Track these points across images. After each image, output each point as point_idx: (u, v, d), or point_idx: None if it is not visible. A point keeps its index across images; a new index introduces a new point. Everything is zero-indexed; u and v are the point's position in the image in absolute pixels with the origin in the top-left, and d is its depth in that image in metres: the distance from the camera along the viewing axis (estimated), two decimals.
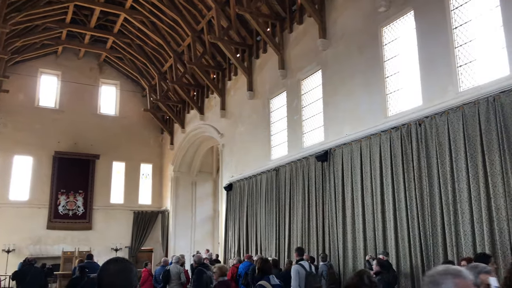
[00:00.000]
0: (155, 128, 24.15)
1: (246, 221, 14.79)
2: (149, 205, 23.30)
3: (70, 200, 21.14)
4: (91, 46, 21.32)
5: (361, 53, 10.70)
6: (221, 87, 17.70)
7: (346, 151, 10.59)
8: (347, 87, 10.98)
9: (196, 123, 19.92)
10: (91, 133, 22.10)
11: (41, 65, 21.80)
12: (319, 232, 11.14)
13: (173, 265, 9.14)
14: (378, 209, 9.40)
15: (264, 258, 4.86)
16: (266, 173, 13.91)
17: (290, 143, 13.06)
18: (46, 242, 20.24)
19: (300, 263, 6.91)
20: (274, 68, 14.15)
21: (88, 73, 22.75)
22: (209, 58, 17.62)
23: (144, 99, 23.85)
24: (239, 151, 16.09)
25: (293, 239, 12.15)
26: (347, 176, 10.44)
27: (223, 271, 6.60)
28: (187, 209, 21.99)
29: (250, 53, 15.78)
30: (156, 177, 23.77)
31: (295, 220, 12.20)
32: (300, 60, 12.98)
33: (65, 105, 22.03)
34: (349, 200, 10.25)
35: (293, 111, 13.09)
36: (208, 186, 22.83)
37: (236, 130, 16.45)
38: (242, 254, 14.58)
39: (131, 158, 23.07)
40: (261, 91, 14.99)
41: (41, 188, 20.72)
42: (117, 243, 21.40)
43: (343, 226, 10.35)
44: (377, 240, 9.36)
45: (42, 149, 20.84)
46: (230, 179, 16.27)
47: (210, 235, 22.20)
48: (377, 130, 9.73)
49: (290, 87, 13.38)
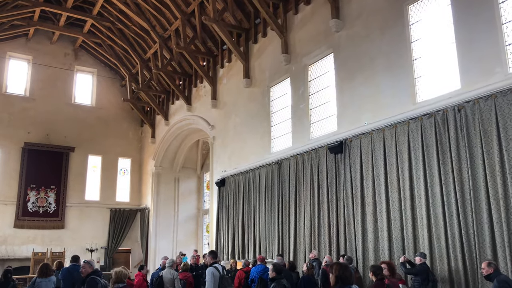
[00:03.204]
0: (134, 120, 22.57)
1: (242, 219, 13.57)
2: (127, 202, 21.68)
3: (40, 196, 19.31)
4: (67, 29, 19.55)
5: (382, 34, 9.70)
6: (212, 75, 16.41)
7: (366, 141, 9.56)
8: (366, 72, 9.96)
9: (182, 114, 18.54)
10: (64, 124, 20.35)
11: (10, 48, 19.87)
12: (332, 232, 10.07)
13: (167, 270, 7.77)
14: (407, 206, 8.41)
15: (342, 264, 3.71)
16: (266, 167, 12.74)
17: (295, 134, 11.94)
18: (13, 242, 18.36)
19: (215, 265, 6.80)
20: (275, 53, 13.01)
21: (62, 59, 20.95)
22: (200, 43, 16.29)
23: (123, 89, 22.24)
24: (233, 144, 14.86)
25: (300, 239, 11.03)
26: (367, 169, 9.41)
27: (120, 276, 5.47)
28: (169, 207, 20.56)
29: (247, 38, 14.57)
30: (135, 173, 22.17)
31: (302, 218, 11.09)
32: (307, 44, 11.88)
33: (36, 93, 20.17)
34: (370, 196, 9.22)
35: (298, 99, 11.98)
36: (192, 182, 21.46)
37: (229, 121, 15.21)
38: (237, 255, 13.38)
39: (108, 152, 21.42)
40: (260, 79, 13.81)
41: (8, 183, 18.81)
42: (92, 243, 19.76)
43: (362, 225, 9.31)
44: (405, 240, 8.36)
45: (10, 140, 18.95)
46: (223, 174, 15.01)
47: (194, 235, 20.85)
48: (405, 118, 8.74)
49: (295, 73, 12.26)
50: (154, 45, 18.22)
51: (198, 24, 15.58)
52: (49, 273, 7.49)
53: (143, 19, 17.32)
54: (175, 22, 16.45)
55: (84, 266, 6.69)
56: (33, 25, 18.84)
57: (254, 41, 14.18)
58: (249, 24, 14.48)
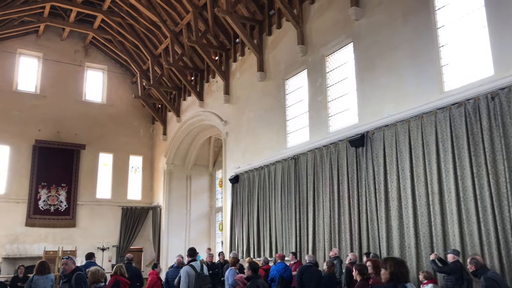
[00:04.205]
0: (145, 117, 22.27)
1: (257, 216, 13.16)
2: (138, 200, 21.39)
3: (51, 194, 19.08)
4: (77, 26, 19.31)
5: (405, 21, 9.22)
6: (224, 70, 16.01)
7: (389, 133, 9.10)
8: (388, 61, 9.49)
9: (194, 110, 18.18)
10: (75, 121, 20.10)
11: (20, 45, 19.67)
12: (353, 229, 9.62)
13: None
14: (435, 200, 7.93)
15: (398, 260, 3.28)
16: (282, 163, 12.31)
17: (313, 127, 11.50)
18: (24, 241, 18.15)
19: (191, 264, 6.73)
20: (291, 44, 12.58)
21: (72, 56, 20.70)
22: (212, 37, 15.91)
23: (133, 86, 21.97)
24: (246, 139, 14.46)
25: (319, 237, 10.59)
26: (391, 162, 8.95)
27: (97, 276, 5.19)
28: (181, 205, 20.21)
29: (261, 30, 14.15)
30: (146, 171, 21.87)
31: (320, 215, 10.65)
32: (325, 34, 11.43)
33: (46, 90, 19.95)
34: (395, 191, 8.76)
35: (316, 91, 11.54)
36: (204, 180, 21.10)
37: (243, 116, 14.81)
38: (252, 254, 12.98)
39: (119, 150, 21.14)
40: (275, 71, 13.39)
41: (19, 181, 18.61)
42: (103, 242, 19.48)
43: (386, 221, 8.84)
44: (434, 236, 7.89)
45: (20, 137, 18.75)
46: (236, 170, 14.62)
47: (206, 233, 20.49)
48: (431, 108, 8.27)
49: (311, 65, 11.82)
50: (165, 40, 17.90)
51: (210, 17, 15.20)
52: (46, 271, 7.27)
53: (153, 13, 16.99)
54: (187, 15, 16.09)
55: (67, 262, 6.60)
56: (43, 21, 18.62)
57: (268, 33, 13.76)
58: (262, 16, 14.06)
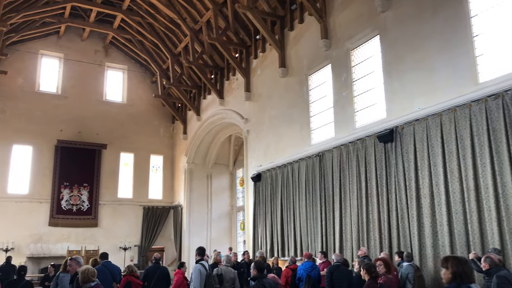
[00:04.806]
0: (165, 117, 22.24)
1: (281, 215, 12.92)
2: (159, 200, 21.36)
3: (74, 194, 19.18)
4: (97, 26, 19.37)
5: (435, 12, 8.87)
6: (245, 67, 15.82)
7: (420, 128, 8.77)
8: (417, 53, 9.16)
9: (215, 109, 18.04)
10: (96, 121, 20.18)
11: (42, 46, 19.82)
12: (383, 227, 9.31)
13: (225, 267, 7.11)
14: (471, 197, 7.58)
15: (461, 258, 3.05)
16: (306, 160, 12.05)
17: (338, 123, 11.21)
18: (48, 240, 18.26)
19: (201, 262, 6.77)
20: (314, 39, 12.31)
21: (92, 56, 20.79)
22: (232, 34, 15.73)
23: (153, 86, 21.96)
24: (268, 137, 14.23)
25: (346, 236, 10.30)
26: (422, 158, 8.62)
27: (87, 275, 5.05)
28: (202, 204, 20.10)
29: (282, 25, 13.91)
30: (167, 170, 21.84)
31: (348, 214, 10.36)
32: (349, 27, 11.13)
33: (68, 90, 20.08)
34: (426, 187, 8.43)
35: (341, 86, 11.25)
36: (225, 179, 20.96)
37: (264, 114, 14.59)
38: (276, 253, 12.76)
39: (140, 149, 21.15)
40: (297, 67, 13.13)
41: (42, 181, 18.75)
42: (125, 241, 19.49)
43: (418, 219, 8.51)
44: (470, 235, 7.54)
45: (43, 138, 18.89)
46: (258, 169, 14.41)
47: (227, 233, 20.34)
48: (465, 100, 7.92)
49: (336, 59, 11.53)
50: (185, 38, 17.81)
51: (230, 14, 15.03)
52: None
53: (173, 11, 16.90)
54: (206, 13, 15.95)
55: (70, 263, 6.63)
56: (64, 22, 18.72)
57: (290, 28, 13.51)
58: (284, 11, 13.83)
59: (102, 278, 7.66)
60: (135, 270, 7.73)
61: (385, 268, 6.01)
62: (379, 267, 5.81)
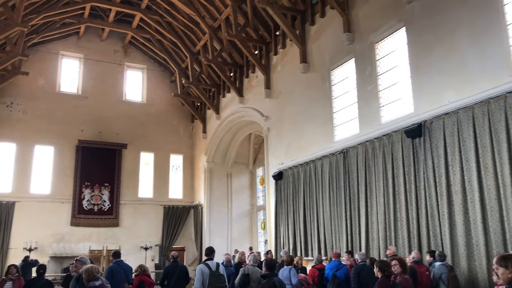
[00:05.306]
0: (184, 116, 22.17)
1: (304, 214, 12.65)
2: (180, 199, 21.30)
3: (95, 194, 19.25)
4: (116, 25, 19.40)
5: (464, 0, 8.50)
6: (265, 63, 15.59)
7: (450, 122, 8.40)
8: (446, 44, 8.79)
9: (234, 107, 17.86)
10: (116, 121, 20.24)
11: (62, 47, 19.96)
12: (411, 225, 8.96)
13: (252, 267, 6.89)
14: (507, 193, 7.19)
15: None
16: (329, 157, 11.76)
17: (363, 119, 10.88)
18: (70, 240, 18.36)
19: (207, 262, 6.68)
20: (336, 33, 12.00)
21: (112, 57, 20.83)
22: (251, 30, 15.52)
23: (172, 85, 21.92)
24: (289, 135, 13.97)
25: (373, 235, 9.98)
26: (453, 153, 8.25)
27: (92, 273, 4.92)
28: (223, 203, 19.95)
29: (303, 20, 13.63)
30: (187, 169, 21.77)
31: (374, 212, 10.03)
32: (373, 20, 10.79)
33: (88, 91, 20.18)
34: (458, 184, 8.06)
35: (365, 81, 10.92)
36: (244, 178, 20.77)
37: (285, 111, 14.33)
38: (299, 252, 12.49)
39: (160, 149, 21.14)
40: (319, 62, 12.84)
41: (63, 181, 18.87)
42: (146, 241, 19.48)
43: (449, 217, 8.15)
44: (508, 233, 7.14)
45: (64, 138, 19.01)
46: (279, 167, 14.16)
47: (248, 232, 20.14)
48: (499, 92, 7.53)
49: (359, 53, 11.20)
50: (204, 36, 17.67)
51: (250, 10, 14.83)
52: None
53: (192, 9, 16.77)
54: (225, 10, 15.78)
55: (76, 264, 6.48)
56: (84, 22, 18.80)
57: (311, 23, 13.22)
58: (304, 5, 13.55)
59: (117, 277, 7.83)
60: (147, 269, 7.81)
61: (400, 267, 5.84)
62: (394, 266, 5.73)
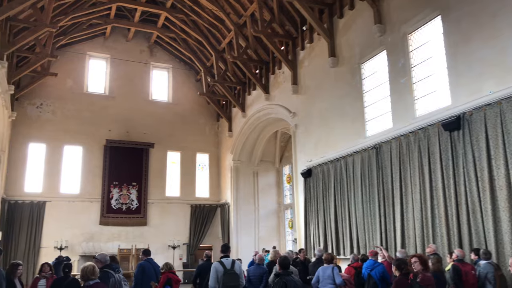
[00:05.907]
0: (210, 115, 22.12)
1: (335, 212, 12.34)
2: (206, 198, 21.26)
3: (123, 193, 19.37)
4: (142, 25, 19.47)
5: None
6: (291, 59, 15.33)
7: (491, 113, 7.97)
8: (486, 32, 8.36)
9: (260, 104, 17.66)
10: (143, 120, 20.33)
11: (89, 48, 20.17)
12: (450, 222, 8.57)
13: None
14: None
15: None
16: (361, 153, 11.42)
17: (396, 112, 10.51)
18: (99, 239, 18.53)
19: (221, 260, 6.60)
20: (366, 25, 11.65)
21: (138, 57, 20.95)
22: (277, 26, 15.28)
23: (197, 84, 21.89)
24: (318, 131, 13.68)
25: (409, 232, 9.60)
26: (496, 146, 7.82)
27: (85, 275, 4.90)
28: (249, 202, 19.78)
29: (331, 13, 13.31)
30: (213, 168, 21.70)
31: (409, 208, 9.65)
32: (406, 10, 10.41)
33: (115, 91, 20.34)
34: (502, 178, 7.63)
35: (398, 73, 10.54)
36: (271, 176, 20.55)
37: (313, 107, 14.04)
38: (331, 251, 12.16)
39: (187, 148, 21.14)
40: (348, 56, 12.50)
41: (92, 181, 19.06)
42: (174, 240, 19.46)
43: (493, 213, 7.73)
44: None
45: (92, 138, 19.21)
46: (308, 164, 13.88)
47: (275, 231, 19.93)
48: None
49: (391, 45, 10.83)
50: (229, 34, 17.53)
51: (276, 5, 14.60)
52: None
53: (217, 6, 16.66)
54: (251, 6, 15.59)
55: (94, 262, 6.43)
56: (110, 22, 18.93)
57: (339, 16, 12.89)
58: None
59: (148, 274, 8.25)
60: (173, 267, 8.06)
61: (421, 265, 5.52)
62: (414, 264, 5.45)
